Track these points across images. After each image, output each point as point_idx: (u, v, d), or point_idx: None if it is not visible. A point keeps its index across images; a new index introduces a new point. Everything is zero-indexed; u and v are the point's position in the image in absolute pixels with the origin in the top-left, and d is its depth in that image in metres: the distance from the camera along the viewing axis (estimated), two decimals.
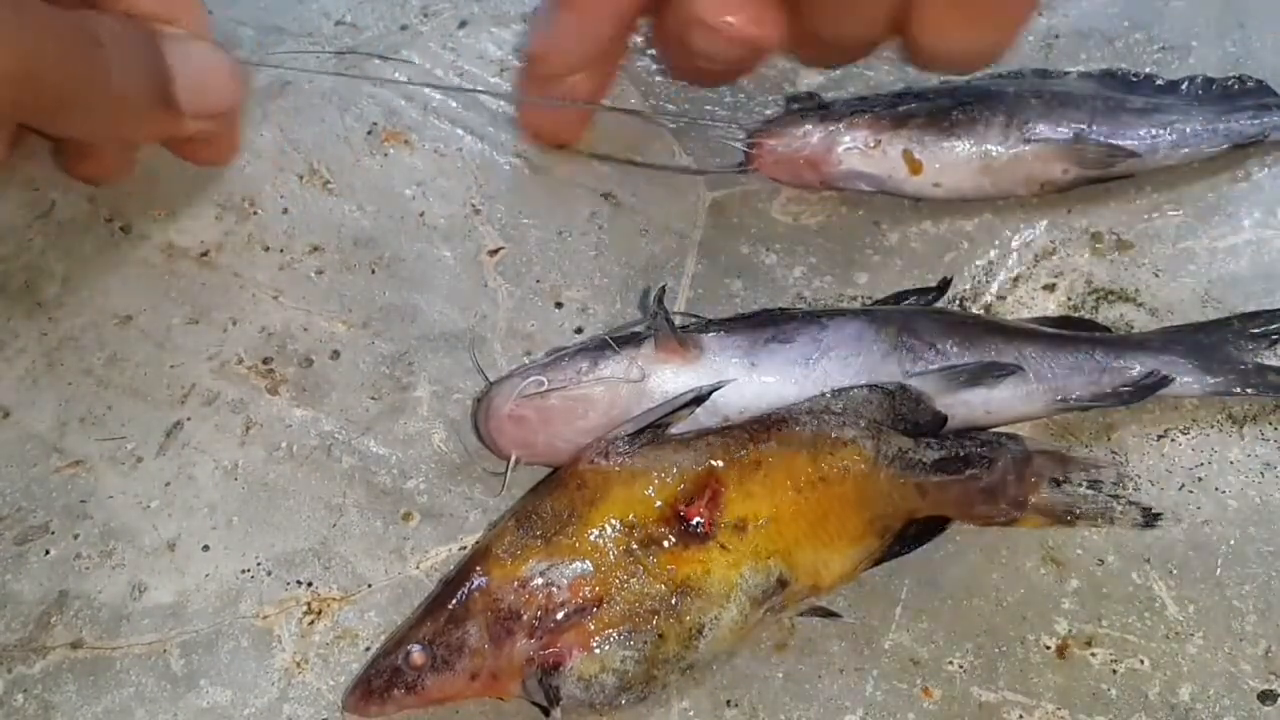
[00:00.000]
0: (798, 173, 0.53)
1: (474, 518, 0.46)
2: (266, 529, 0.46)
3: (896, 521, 0.43)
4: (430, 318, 0.51)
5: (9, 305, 0.51)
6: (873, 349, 0.45)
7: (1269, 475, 0.46)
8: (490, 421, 0.44)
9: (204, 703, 0.42)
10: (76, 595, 0.45)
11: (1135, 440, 0.47)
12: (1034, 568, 0.44)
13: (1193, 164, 0.53)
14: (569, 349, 0.46)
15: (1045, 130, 0.51)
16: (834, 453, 0.42)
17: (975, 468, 0.44)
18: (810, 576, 0.41)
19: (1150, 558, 0.45)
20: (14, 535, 0.46)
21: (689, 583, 0.40)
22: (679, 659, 0.40)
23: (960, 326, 0.46)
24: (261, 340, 0.50)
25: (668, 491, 0.40)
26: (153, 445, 0.48)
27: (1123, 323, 0.50)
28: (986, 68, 0.47)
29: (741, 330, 0.45)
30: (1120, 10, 0.59)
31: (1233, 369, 0.47)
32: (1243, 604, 0.43)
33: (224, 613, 0.44)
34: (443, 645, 0.40)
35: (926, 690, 0.42)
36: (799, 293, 0.51)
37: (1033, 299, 0.51)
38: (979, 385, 0.45)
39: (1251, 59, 0.57)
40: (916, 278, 0.51)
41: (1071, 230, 0.53)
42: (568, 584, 0.40)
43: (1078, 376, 0.46)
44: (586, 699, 0.39)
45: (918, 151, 0.51)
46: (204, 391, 0.49)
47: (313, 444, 0.48)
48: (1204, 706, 0.41)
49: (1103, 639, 0.43)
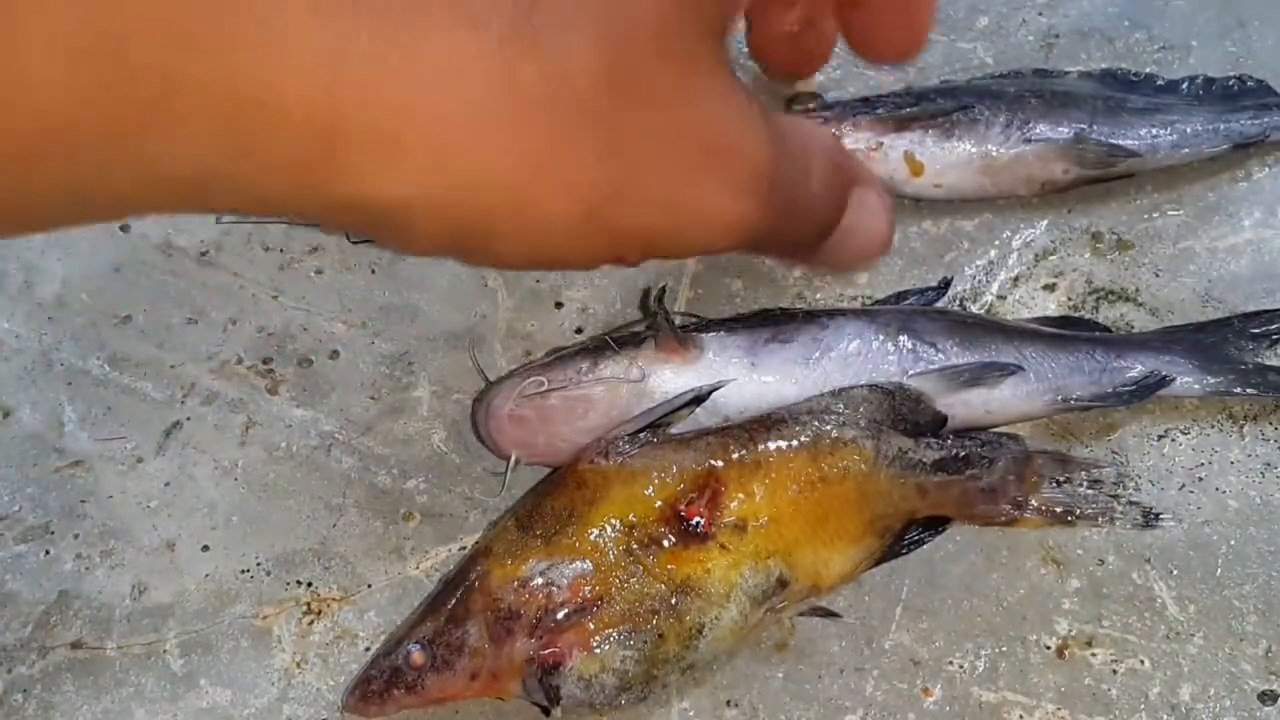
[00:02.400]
0: None
1: (474, 518, 0.46)
2: (266, 529, 0.46)
3: (896, 521, 0.43)
4: (430, 318, 0.51)
5: (9, 305, 0.51)
6: (873, 349, 0.45)
7: (1269, 475, 0.46)
8: (490, 421, 0.44)
9: (204, 703, 0.42)
10: (76, 595, 0.45)
11: (1135, 440, 0.47)
12: (1034, 568, 0.44)
13: (1193, 164, 0.53)
14: (569, 349, 0.46)
15: (1046, 130, 0.51)
16: (834, 453, 0.42)
17: (975, 468, 0.44)
18: (810, 576, 0.41)
19: (1150, 558, 0.44)
20: (14, 535, 0.46)
21: (689, 583, 0.40)
22: (679, 659, 0.40)
23: (960, 326, 0.46)
24: (261, 340, 0.50)
25: (668, 491, 0.40)
26: (152, 445, 0.48)
27: (1123, 323, 0.50)
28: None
29: (741, 330, 0.45)
30: (1120, 10, 0.59)
31: (1233, 369, 0.47)
32: (1243, 604, 0.43)
33: (223, 613, 0.44)
34: (443, 645, 0.40)
35: (926, 690, 0.42)
36: (799, 293, 0.51)
37: (1033, 299, 0.51)
38: (979, 385, 0.45)
39: (1251, 59, 0.57)
40: (916, 278, 0.51)
41: (1072, 230, 0.53)
42: (568, 584, 0.40)
43: (1078, 376, 0.46)
44: (586, 699, 0.39)
45: (919, 153, 0.51)
46: (204, 391, 0.49)
47: (313, 444, 0.48)
48: (1204, 706, 0.41)
49: (1103, 639, 0.43)
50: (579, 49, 0.25)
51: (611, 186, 0.27)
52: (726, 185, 0.30)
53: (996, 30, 0.58)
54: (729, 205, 0.30)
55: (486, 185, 0.26)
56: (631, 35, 0.26)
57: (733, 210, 0.30)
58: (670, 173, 0.28)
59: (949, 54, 0.57)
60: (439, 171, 0.25)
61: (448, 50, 0.24)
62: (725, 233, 0.31)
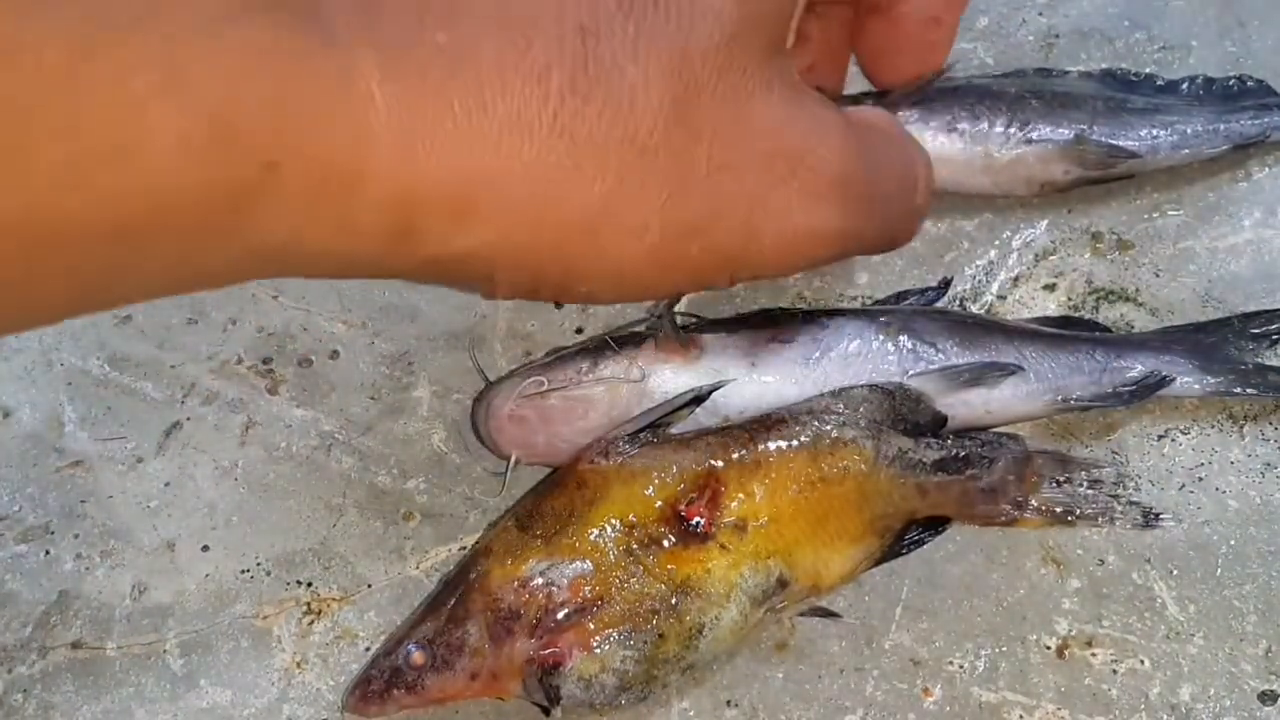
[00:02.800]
0: None
1: (474, 518, 0.46)
2: (266, 529, 0.46)
3: (896, 521, 0.43)
4: (430, 318, 0.51)
5: None
6: (873, 349, 0.45)
7: (1269, 475, 0.46)
8: (490, 421, 0.44)
9: (204, 703, 0.42)
10: (76, 595, 0.45)
11: (1135, 440, 0.47)
12: (1034, 568, 0.44)
13: (1193, 164, 0.53)
14: (569, 349, 0.46)
15: (1046, 131, 0.51)
16: (834, 453, 0.42)
17: (975, 468, 0.44)
18: (810, 577, 0.41)
19: (1150, 558, 0.44)
20: (14, 535, 0.46)
21: (689, 583, 0.40)
22: (679, 659, 0.40)
23: (960, 326, 0.46)
24: (261, 340, 0.50)
25: (668, 491, 0.40)
26: (152, 445, 0.48)
27: (1123, 323, 0.50)
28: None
29: (741, 330, 0.45)
30: (1120, 10, 0.59)
31: (1233, 369, 0.47)
32: (1243, 604, 0.43)
33: (223, 613, 0.44)
34: (443, 645, 0.40)
35: (926, 690, 0.42)
36: (799, 293, 0.51)
37: (1033, 299, 0.51)
38: (979, 385, 0.45)
39: (1251, 59, 0.57)
40: (916, 278, 0.51)
41: (1072, 230, 0.53)
42: (568, 584, 0.40)
43: (1078, 376, 0.46)
44: (586, 699, 0.39)
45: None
46: (203, 391, 0.49)
47: (313, 444, 0.48)
48: (1204, 707, 0.41)
49: (1103, 639, 0.43)
50: (639, 88, 0.26)
51: (683, 220, 0.27)
52: (807, 198, 0.29)
53: (996, 30, 0.58)
54: (814, 217, 0.29)
55: (559, 232, 0.26)
56: (691, 65, 0.26)
57: (820, 221, 0.30)
58: (743, 196, 0.28)
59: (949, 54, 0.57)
60: (513, 226, 0.25)
61: (513, 109, 0.24)
62: (815, 245, 0.30)
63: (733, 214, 0.28)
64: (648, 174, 0.26)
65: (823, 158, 0.29)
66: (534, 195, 0.25)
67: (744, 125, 0.28)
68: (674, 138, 0.26)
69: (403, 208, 0.24)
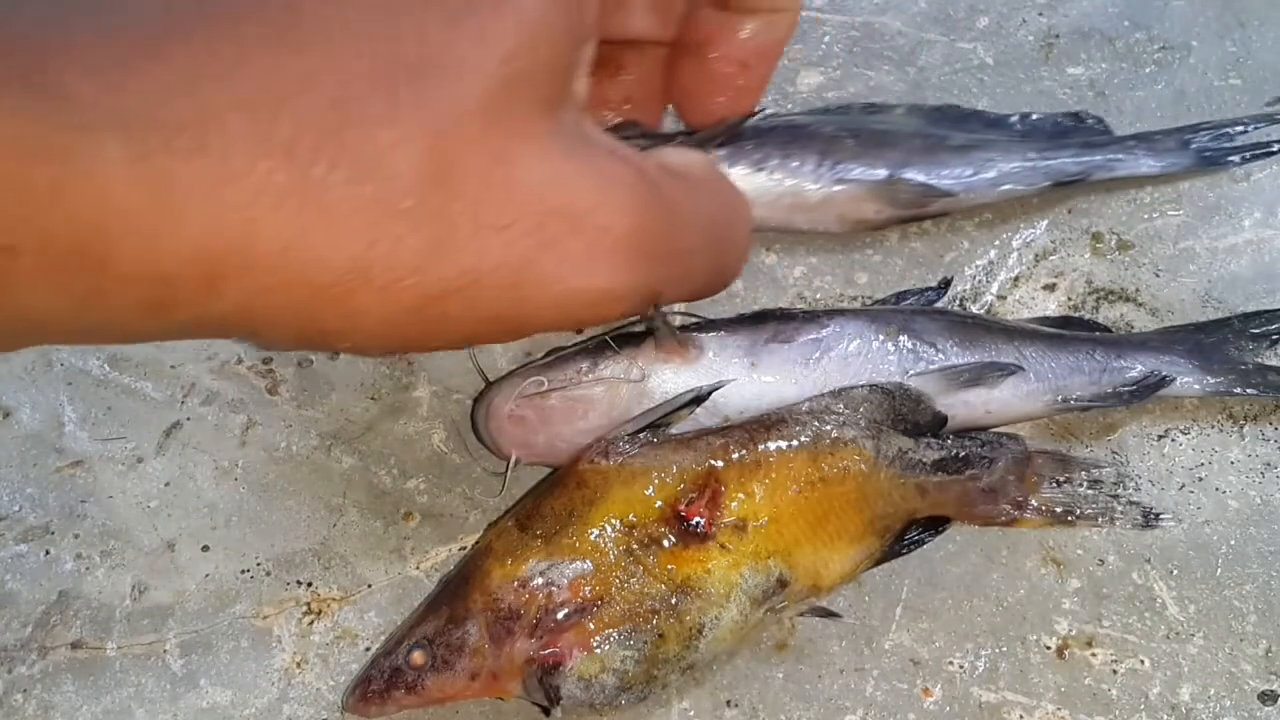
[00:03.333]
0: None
1: (474, 518, 0.46)
2: (266, 529, 0.46)
3: (896, 521, 0.43)
4: None
5: None
6: (873, 349, 0.45)
7: (1269, 475, 0.46)
8: (490, 421, 0.44)
9: (204, 703, 0.42)
10: (76, 595, 0.45)
11: (1135, 440, 0.47)
12: (1034, 568, 0.44)
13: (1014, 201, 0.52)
14: (569, 349, 0.46)
15: (858, 171, 0.50)
16: (834, 453, 0.42)
17: (975, 468, 0.44)
18: (810, 576, 0.41)
19: (1150, 558, 0.44)
20: (14, 535, 0.46)
21: (689, 583, 0.40)
22: (679, 659, 0.40)
23: (960, 326, 0.46)
24: None
25: (668, 491, 0.40)
26: (152, 445, 0.48)
27: (1123, 323, 0.50)
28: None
29: (741, 330, 0.45)
30: (1120, 10, 0.59)
31: (1233, 369, 0.47)
32: (1243, 604, 0.43)
33: (223, 613, 0.44)
34: (443, 645, 0.40)
35: (926, 690, 0.42)
36: (799, 293, 0.51)
37: (1033, 299, 0.51)
38: (979, 385, 0.45)
39: (1251, 59, 0.57)
40: (916, 278, 0.51)
41: (1072, 230, 0.53)
42: (568, 584, 0.40)
43: (1078, 376, 0.46)
44: (586, 699, 0.39)
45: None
46: (203, 391, 0.49)
47: (312, 444, 0.48)
48: (1204, 706, 0.41)
49: (1103, 639, 0.43)
50: (392, 152, 0.25)
51: (441, 280, 0.27)
52: (589, 258, 0.28)
53: (996, 30, 0.58)
54: (598, 278, 0.28)
55: (311, 293, 0.26)
56: (453, 125, 0.26)
57: (605, 280, 0.28)
58: (511, 257, 0.27)
59: (949, 54, 0.57)
60: (265, 291, 0.26)
61: (260, 180, 0.24)
62: (602, 303, 0.29)
63: (497, 275, 0.27)
64: (401, 236, 0.26)
65: (609, 215, 0.28)
66: (285, 262, 0.25)
67: (512, 185, 0.27)
68: (431, 199, 0.26)
69: (152, 283, 0.24)
